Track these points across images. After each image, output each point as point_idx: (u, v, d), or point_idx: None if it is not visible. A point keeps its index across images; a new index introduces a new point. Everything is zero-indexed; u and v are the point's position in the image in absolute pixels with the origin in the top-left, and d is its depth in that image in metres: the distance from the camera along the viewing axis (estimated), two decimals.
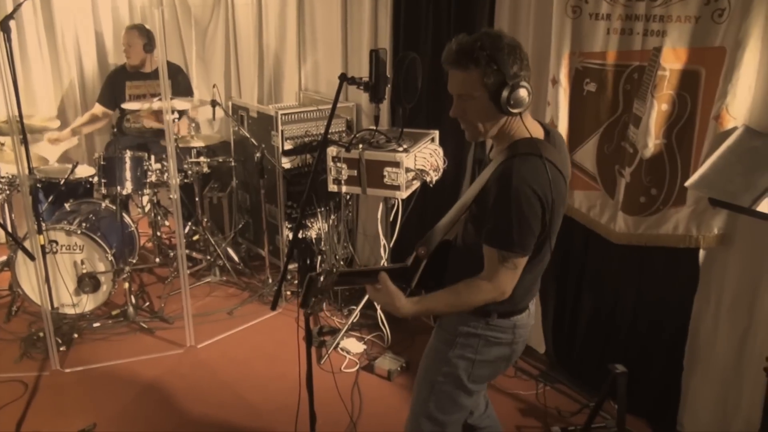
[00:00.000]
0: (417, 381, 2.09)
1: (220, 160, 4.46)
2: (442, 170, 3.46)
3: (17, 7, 3.46)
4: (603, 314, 3.11)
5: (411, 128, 3.52)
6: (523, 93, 1.72)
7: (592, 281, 3.15)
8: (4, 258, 4.33)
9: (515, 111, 1.73)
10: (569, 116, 2.96)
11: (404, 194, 3.32)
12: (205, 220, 4.56)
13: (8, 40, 3.14)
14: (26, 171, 3.24)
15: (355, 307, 3.76)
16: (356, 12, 4.24)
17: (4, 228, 2.82)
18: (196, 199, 4.46)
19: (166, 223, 4.70)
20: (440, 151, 3.51)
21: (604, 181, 2.91)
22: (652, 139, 2.61)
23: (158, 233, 4.66)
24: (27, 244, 3.34)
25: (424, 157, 3.37)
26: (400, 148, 3.29)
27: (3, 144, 4.03)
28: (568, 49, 2.88)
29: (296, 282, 4.28)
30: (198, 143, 4.33)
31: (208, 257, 4.47)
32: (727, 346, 2.63)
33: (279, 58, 5.06)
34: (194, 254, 4.52)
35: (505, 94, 1.70)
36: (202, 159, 4.32)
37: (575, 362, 3.27)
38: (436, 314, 1.98)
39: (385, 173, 3.28)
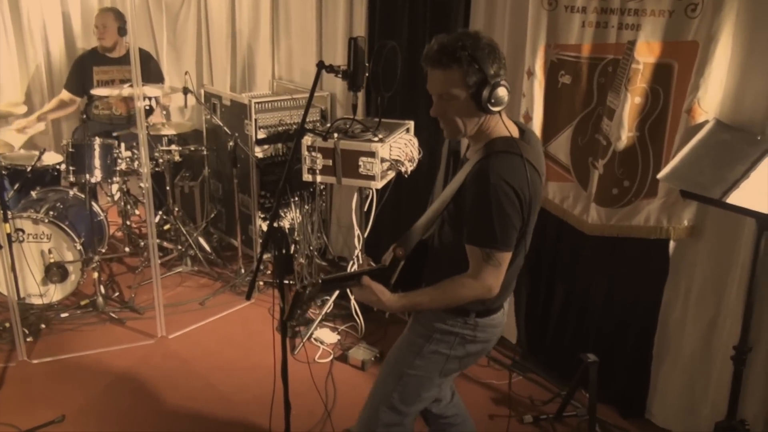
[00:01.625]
0: (383, 370, 2.10)
1: (192, 148, 4.40)
2: (417, 161, 3.45)
3: None
4: (575, 304, 3.16)
5: (386, 118, 3.51)
6: (502, 92, 1.75)
7: (564, 272, 3.19)
8: None
9: (495, 109, 1.76)
10: (544, 108, 2.98)
11: (379, 184, 3.31)
12: (177, 209, 4.49)
13: None
14: None
15: (328, 297, 3.75)
16: (331, 1, 4.20)
17: None
18: (167, 188, 4.39)
19: (136, 212, 4.62)
20: (415, 141, 3.50)
21: (578, 173, 2.94)
22: (625, 132, 2.65)
23: (128, 222, 4.57)
24: None
25: (399, 148, 3.37)
26: (376, 138, 3.28)
27: None
28: (543, 41, 2.89)
29: (269, 272, 4.26)
30: (169, 131, 4.26)
31: (180, 247, 4.41)
32: (695, 336, 2.69)
33: (252, 45, 5.00)
34: (165, 244, 4.46)
35: (485, 93, 1.73)
36: (173, 147, 4.26)
37: (547, 352, 3.31)
38: (422, 309, 1.99)
39: (361, 163, 3.27)
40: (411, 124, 3.65)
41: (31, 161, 3.98)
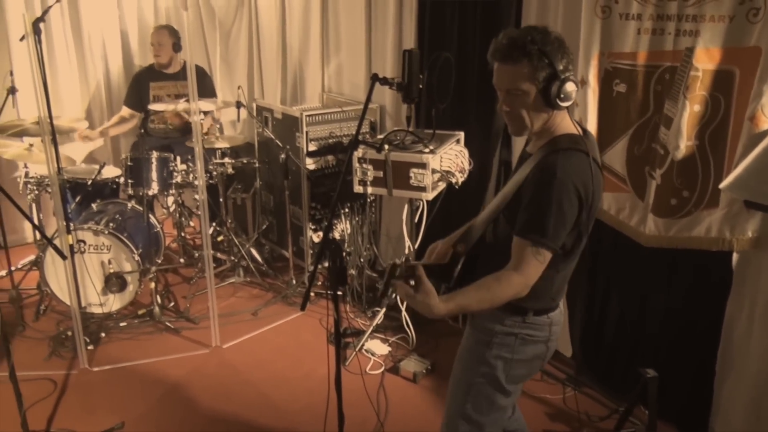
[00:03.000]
0: (452, 382, 2.08)
1: (245, 161, 4.48)
2: (467, 172, 3.44)
3: (47, 10, 3.50)
4: (632, 317, 3.08)
5: (436, 129, 3.50)
6: (571, 87, 1.74)
7: (620, 284, 3.12)
8: (32, 258, 4.40)
9: (564, 105, 1.75)
10: (598, 117, 2.93)
11: (430, 196, 3.31)
12: (229, 221, 4.58)
13: (38, 42, 3.18)
14: (56, 171, 3.26)
15: (379, 309, 3.76)
16: (380, 13, 4.24)
17: (38, 228, 2.85)
18: (221, 200, 4.49)
19: (191, 223, 4.73)
20: (466, 152, 3.49)
21: (634, 183, 2.88)
22: (683, 141, 2.58)
23: (183, 234, 4.69)
24: (56, 243, 3.37)
25: (450, 159, 3.36)
26: (426, 150, 3.28)
27: (32, 145, 4.08)
28: (597, 49, 2.85)
29: (320, 283, 4.29)
30: (222, 144, 4.35)
31: (232, 258, 4.49)
32: (761, 352, 2.58)
33: (302, 59, 5.07)
34: (218, 255, 4.55)
35: (554, 88, 1.72)
36: (226, 160, 4.35)
37: (603, 366, 3.23)
38: (469, 311, 1.95)
39: (411, 174, 3.28)
40: (461, 135, 3.64)
41: (91, 175, 4.12)
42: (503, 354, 1.93)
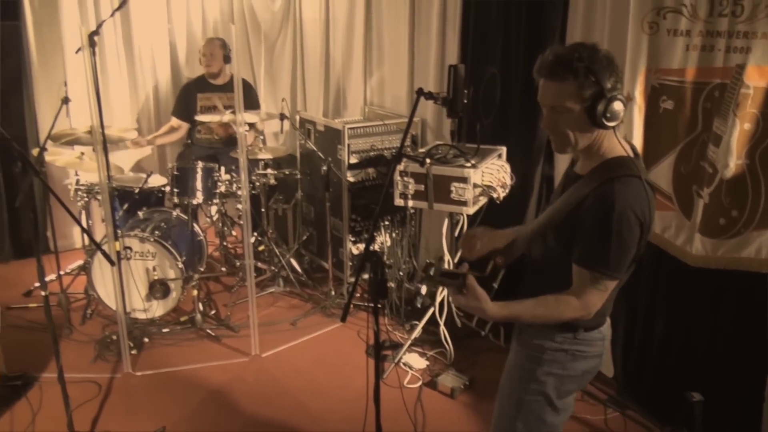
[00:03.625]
0: (501, 400, 2.05)
1: (287, 172, 4.54)
2: (509, 187, 3.42)
3: (101, 23, 3.62)
4: (677, 338, 3.01)
5: (482, 144, 3.51)
6: (618, 106, 1.69)
7: (665, 304, 3.05)
8: (80, 263, 4.52)
9: (610, 124, 1.71)
10: (644, 134, 2.89)
11: (471, 210, 3.30)
12: (270, 231, 4.64)
13: (93, 54, 3.29)
14: (106, 179, 3.36)
15: (417, 323, 3.76)
16: (424, 28, 4.27)
17: (89, 234, 2.93)
18: (262, 210, 4.56)
19: (233, 232, 4.81)
20: (507, 167, 3.48)
21: (681, 202, 2.83)
22: (733, 159, 2.53)
23: (225, 243, 4.77)
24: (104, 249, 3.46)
25: (492, 173, 3.35)
26: (468, 164, 3.28)
27: (83, 153, 4.21)
28: (644, 65, 2.82)
29: (358, 295, 4.31)
30: (265, 155, 4.42)
31: (273, 268, 4.55)
32: None
33: (345, 72, 5.13)
34: (259, 264, 4.60)
35: (601, 107, 1.68)
36: (269, 171, 4.41)
37: (646, 388, 3.16)
38: (520, 322, 1.96)
39: (453, 188, 3.28)
40: (503, 149, 3.63)
41: (138, 183, 4.23)
42: (554, 370, 1.91)
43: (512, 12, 3.58)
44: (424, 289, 3.73)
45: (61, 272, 4.15)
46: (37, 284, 4.40)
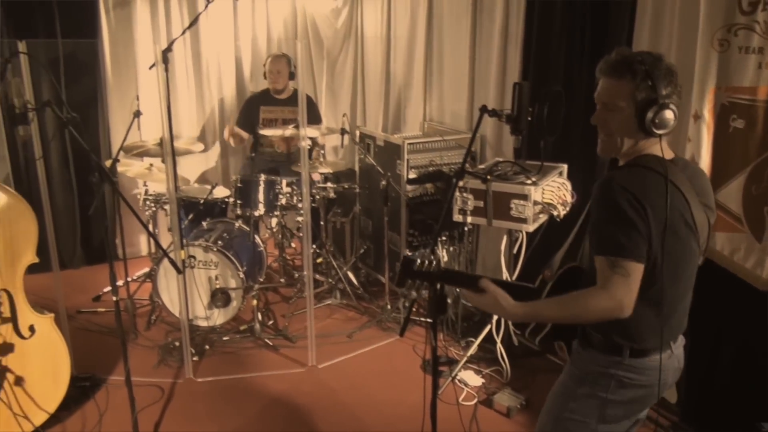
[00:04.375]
0: (541, 414, 2.04)
1: (346, 186, 4.60)
2: (570, 205, 3.38)
3: (174, 41, 3.76)
4: (746, 365, 2.90)
5: (538, 161, 3.48)
6: (669, 115, 1.70)
7: (733, 329, 2.95)
8: (146, 270, 4.69)
9: (657, 131, 1.71)
10: (712, 154, 2.81)
11: (531, 227, 3.27)
12: (329, 243, 4.71)
13: (166, 70, 3.43)
14: (175, 190, 3.47)
15: (473, 339, 3.73)
16: (485, 44, 4.28)
17: (158, 243, 3.05)
18: (321, 223, 4.63)
19: (292, 244, 4.89)
20: (568, 185, 3.44)
21: (751, 223, 2.74)
22: None
23: (284, 254, 4.85)
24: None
25: (552, 191, 3.32)
26: (529, 181, 3.26)
27: (152, 165, 4.38)
28: (713, 83, 2.76)
29: (414, 310, 4.32)
30: (325, 169, 4.50)
31: (330, 280, 4.61)
32: None
33: (405, 88, 5.18)
34: (317, 276, 4.67)
35: (651, 112, 1.69)
36: (328, 185, 4.48)
37: (712, 416, 3.05)
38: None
39: (512, 205, 3.26)
40: (564, 167, 3.59)
41: (203, 194, 4.37)
42: (597, 393, 1.86)
43: (576, 29, 3.56)
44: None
45: (129, 279, 4.31)
46: (105, 289, 4.59)
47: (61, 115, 2.66)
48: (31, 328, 2.81)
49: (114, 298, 2.79)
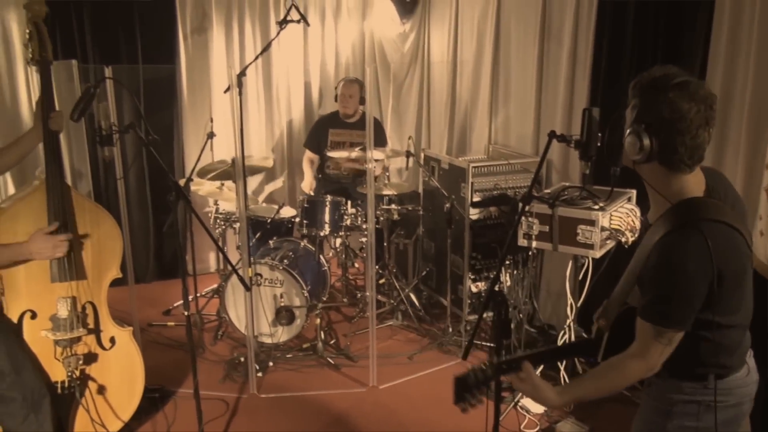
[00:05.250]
0: None
1: (409, 208, 4.64)
2: (638, 231, 3.31)
3: (248, 65, 3.93)
4: None
5: (606, 186, 3.43)
6: (646, 142, 1.69)
7: None
8: (214, 286, 4.83)
9: (629, 156, 1.75)
10: None
11: (597, 254, 3.22)
12: (391, 265, 4.74)
13: (240, 94, 3.57)
14: (245, 209, 3.59)
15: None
16: (552, 69, 4.26)
17: (228, 261, 3.16)
18: (384, 244, 4.68)
19: (355, 264, 4.96)
20: (637, 211, 3.37)
21: None
22: None
23: (347, 274, 4.92)
24: (235, 275, 3.69)
25: (620, 217, 3.26)
26: (596, 206, 3.22)
27: (223, 184, 4.54)
28: None
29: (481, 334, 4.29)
30: (390, 191, 4.55)
31: (392, 301, 4.64)
32: None
33: (470, 111, 5.20)
34: (379, 297, 4.71)
35: (646, 141, 1.69)
36: (392, 206, 4.53)
37: None
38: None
39: (579, 231, 3.22)
40: (633, 193, 3.53)
41: (271, 214, 4.49)
42: (686, 423, 1.81)
43: (647, 55, 3.51)
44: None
45: (198, 294, 4.46)
46: (176, 304, 4.75)
47: (143, 137, 2.81)
48: (112, 340, 2.95)
49: (185, 313, 2.90)
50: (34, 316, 2.78)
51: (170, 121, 5.22)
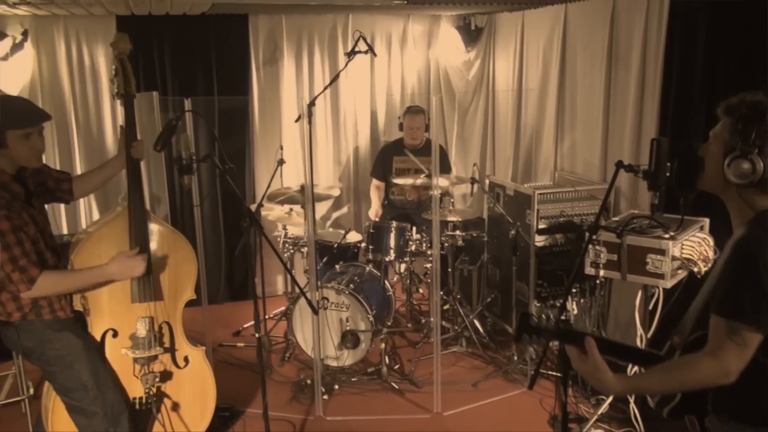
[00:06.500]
0: None
1: (474, 234, 4.65)
2: (712, 261, 3.22)
3: (318, 95, 4.06)
4: None
5: (677, 214, 3.35)
6: (746, 165, 1.66)
7: None
8: (282, 309, 4.96)
9: (733, 180, 1.68)
10: None
11: (668, 283, 3.15)
12: (456, 290, 4.75)
13: (310, 122, 3.70)
14: (314, 233, 3.69)
15: (604, 398, 3.61)
16: (620, 96, 4.22)
17: (297, 285, 3.25)
18: (449, 270, 4.69)
19: (419, 290, 4.99)
20: (710, 240, 3.28)
21: None
22: None
23: (411, 299, 4.96)
24: (303, 299, 3.78)
25: (692, 246, 3.19)
26: (666, 235, 3.16)
27: (292, 209, 4.68)
28: None
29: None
30: (454, 218, 4.58)
31: (456, 327, 4.64)
32: None
33: (535, 138, 5.19)
34: (443, 323, 4.72)
35: (727, 160, 1.68)
36: (457, 233, 4.55)
37: None
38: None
39: (648, 260, 3.16)
40: (706, 221, 3.44)
41: (337, 238, 4.59)
42: None
43: (719, 83, 3.44)
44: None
45: (266, 316, 4.58)
46: (245, 325, 4.90)
47: (220, 166, 2.95)
48: (186, 359, 3.08)
49: (256, 335, 3.00)
50: (115, 334, 2.93)
51: (242, 149, 5.43)
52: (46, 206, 2.85)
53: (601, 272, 3.35)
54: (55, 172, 2.94)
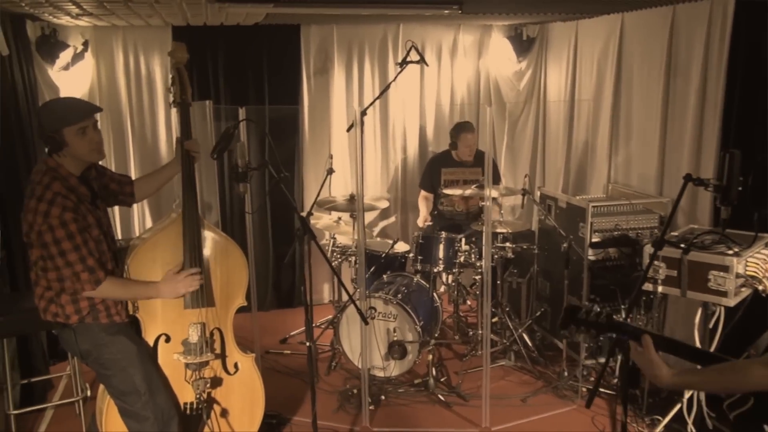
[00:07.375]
0: None
1: (524, 246, 4.57)
2: None
3: (369, 105, 4.07)
4: None
5: (740, 230, 3.23)
6: None
7: None
8: (329, 317, 4.96)
9: None
10: None
11: (731, 302, 3.04)
12: (504, 303, 4.68)
13: (362, 132, 3.69)
14: (364, 243, 3.68)
15: (659, 418, 3.48)
16: (679, 108, 4.10)
17: (348, 293, 3.25)
18: (498, 282, 4.62)
19: (467, 302, 4.92)
20: None
21: None
22: None
23: (458, 311, 4.90)
24: (350, 307, 3.76)
25: (757, 263, 3.07)
26: (730, 251, 3.04)
27: (340, 218, 4.68)
28: None
29: (592, 379, 4.12)
30: (504, 229, 4.51)
31: (505, 341, 4.56)
32: None
33: (588, 149, 5.08)
34: (492, 336, 4.63)
35: None
36: (507, 245, 4.48)
37: None
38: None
39: (710, 277, 3.05)
40: None
41: (385, 248, 4.57)
42: None
43: None
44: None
45: (313, 324, 4.57)
46: (293, 333, 4.92)
47: (275, 175, 2.97)
48: (236, 365, 3.09)
49: (306, 344, 2.99)
50: (168, 339, 2.96)
51: (291, 158, 5.46)
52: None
53: (660, 288, 3.25)
54: (117, 175, 3.01)
